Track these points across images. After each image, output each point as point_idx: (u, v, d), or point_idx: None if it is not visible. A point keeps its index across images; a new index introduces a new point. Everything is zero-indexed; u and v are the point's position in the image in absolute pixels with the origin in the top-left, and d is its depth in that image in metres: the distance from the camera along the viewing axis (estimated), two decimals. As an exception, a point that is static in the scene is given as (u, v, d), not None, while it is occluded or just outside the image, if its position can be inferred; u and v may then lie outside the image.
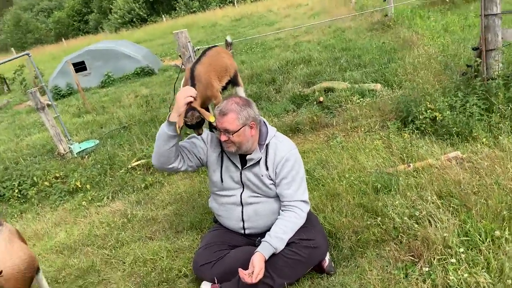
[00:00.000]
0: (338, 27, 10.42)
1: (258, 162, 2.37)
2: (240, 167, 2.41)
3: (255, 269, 2.13)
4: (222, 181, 2.45)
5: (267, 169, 2.37)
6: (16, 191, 4.49)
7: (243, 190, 2.44)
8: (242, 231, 2.49)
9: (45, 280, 2.62)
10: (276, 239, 2.24)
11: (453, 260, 2.12)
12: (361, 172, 3.31)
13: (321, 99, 5.02)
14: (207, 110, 2.75)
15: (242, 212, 2.45)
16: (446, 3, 9.50)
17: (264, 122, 2.46)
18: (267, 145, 2.38)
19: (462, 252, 2.14)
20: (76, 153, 5.28)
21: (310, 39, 10.00)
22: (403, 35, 7.29)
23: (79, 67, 11.04)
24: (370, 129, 4.09)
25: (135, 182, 4.19)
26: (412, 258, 2.29)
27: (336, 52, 7.57)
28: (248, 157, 2.37)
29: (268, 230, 2.32)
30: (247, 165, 2.38)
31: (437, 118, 3.64)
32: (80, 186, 4.35)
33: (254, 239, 2.43)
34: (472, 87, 3.76)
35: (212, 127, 2.55)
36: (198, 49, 4.16)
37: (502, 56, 3.78)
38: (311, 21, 12.74)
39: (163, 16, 31.78)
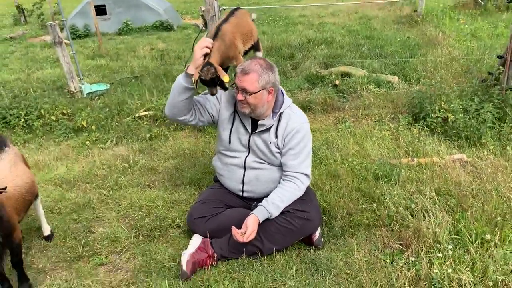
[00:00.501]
0: (365, 14, 10.24)
1: (269, 129, 2.39)
2: (250, 131, 2.43)
3: (248, 230, 2.18)
4: (230, 141, 2.47)
5: (276, 137, 2.38)
6: (22, 120, 4.51)
7: (248, 154, 2.47)
8: (240, 193, 2.53)
9: (41, 207, 2.68)
10: (273, 206, 2.29)
11: (440, 255, 2.17)
12: (364, 158, 3.34)
13: (337, 82, 5.00)
14: (226, 71, 2.74)
15: (244, 175, 2.48)
16: (479, 7, 9.27)
17: (281, 91, 2.46)
18: (280, 114, 2.39)
19: (450, 249, 2.19)
20: (86, 94, 5.30)
21: (335, 21, 9.84)
22: (429, 33, 7.18)
23: (100, 8, 10.88)
24: (381, 119, 4.10)
25: (140, 131, 4.22)
26: (401, 247, 2.34)
27: (359, 38, 7.47)
28: (259, 122, 2.38)
29: (266, 196, 2.37)
30: (257, 130, 2.40)
31: (449, 119, 3.64)
32: (85, 126, 4.38)
33: (251, 203, 2.47)
34: (489, 94, 3.75)
35: (224, 89, 2.54)
36: (224, 9, 4.12)
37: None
38: (339, 3, 12.47)
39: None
